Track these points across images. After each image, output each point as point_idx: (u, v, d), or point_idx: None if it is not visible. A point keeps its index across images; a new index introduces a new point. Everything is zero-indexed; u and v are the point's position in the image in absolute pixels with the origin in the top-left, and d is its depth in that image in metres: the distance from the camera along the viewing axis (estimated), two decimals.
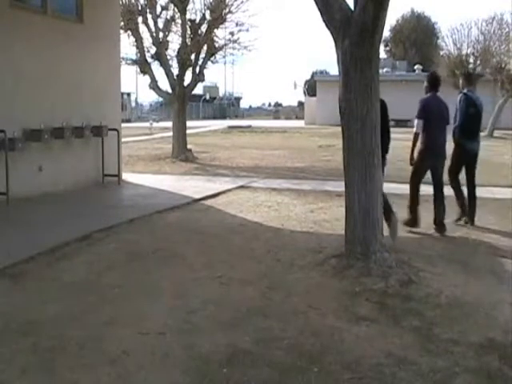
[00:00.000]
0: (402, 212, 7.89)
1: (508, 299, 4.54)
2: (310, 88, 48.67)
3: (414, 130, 7.12)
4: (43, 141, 9.02)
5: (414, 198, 6.96)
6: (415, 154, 7.07)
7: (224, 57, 18.24)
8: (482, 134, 7.72)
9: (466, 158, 7.37)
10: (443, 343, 3.70)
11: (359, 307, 4.33)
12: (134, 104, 52.70)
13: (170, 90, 15.86)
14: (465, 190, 7.42)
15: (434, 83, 7.22)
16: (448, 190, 7.26)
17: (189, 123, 17.47)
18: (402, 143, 23.20)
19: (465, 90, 7.54)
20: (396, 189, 9.79)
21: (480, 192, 9.94)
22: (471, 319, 4.12)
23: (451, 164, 7.42)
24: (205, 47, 15.84)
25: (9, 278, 4.93)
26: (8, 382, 3.16)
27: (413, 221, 6.89)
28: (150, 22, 15.53)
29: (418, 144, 7.13)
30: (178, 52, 15.58)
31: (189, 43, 15.56)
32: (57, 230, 6.69)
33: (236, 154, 17.26)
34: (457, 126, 7.32)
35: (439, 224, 6.82)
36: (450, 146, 7.21)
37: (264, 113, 68.07)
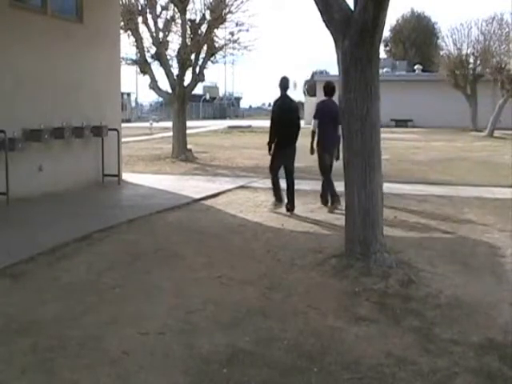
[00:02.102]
0: (394, 213, 7.93)
1: (508, 299, 4.54)
2: (310, 88, 48.61)
3: (311, 128, 8.43)
4: (43, 141, 9.02)
5: (327, 177, 8.48)
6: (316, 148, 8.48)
7: (224, 57, 18.26)
8: (482, 133, 8.10)
9: None
10: (443, 343, 3.70)
11: (359, 307, 4.33)
12: (134, 104, 52.67)
13: (170, 90, 15.86)
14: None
15: (329, 91, 8.41)
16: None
17: (189, 123, 17.47)
18: (404, 143, 23.20)
19: None
20: (396, 189, 9.81)
21: (480, 192, 9.99)
22: (471, 319, 4.12)
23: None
24: (205, 47, 15.84)
25: (9, 278, 4.92)
26: (8, 382, 3.16)
27: (334, 198, 8.31)
28: (150, 22, 15.55)
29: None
30: (178, 52, 15.58)
31: (189, 43, 15.56)
32: (57, 230, 6.69)
33: (236, 154, 17.25)
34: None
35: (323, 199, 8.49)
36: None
37: (264, 113, 67.92)
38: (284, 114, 8.16)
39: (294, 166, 8.39)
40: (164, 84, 16.11)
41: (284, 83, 8.30)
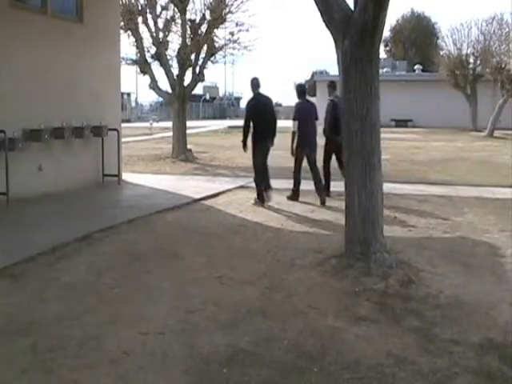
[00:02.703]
0: (394, 213, 7.92)
1: (508, 299, 4.54)
2: (310, 88, 48.64)
3: (292, 129, 8.94)
4: (43, 141, 9.02)
5: (297, 176, 9.06)
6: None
7: (224, 57, 18.26)
8: (482, 133, 8.27)
9: (335, 149, 9.06)
10: (443, 343, 3.70)
11: (359, 307, 4.33)
12: (134, 104, 52.66)
13: (170, 90, 15.86)
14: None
15: (302, 92, 9.19)
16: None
17: (189, 123, 17.47)
18: (404, 143, 23.20)
19: (331, 97, 9.54)
20: (396, 189, 9.81)
21: (480, 192, 9.99)
22: (471, 319, 4.12)
23: (324, 154, 9.47)
24: (205, 47, 15.84)
25: (9, 278, 4.92)
26: (8, 382, 3.16)
27: (295, 195, 9.08)
28: (150, 22, 15.56)
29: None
30: (178, 52, 15.59)
31: (189, 43, 15.56)
32: (57, 230, 6.69)
33: (236, 154, 17.21)
34: (326, 125, 9.38)
35: (321, 194, 8.86)
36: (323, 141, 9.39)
37: None
38: (261, 111, 8.69)
39: (267, 159, 8.97)
40: (164, 84, 16.14)
41: (255, 83, 8.90)
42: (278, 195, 9.58)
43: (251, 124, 8.67)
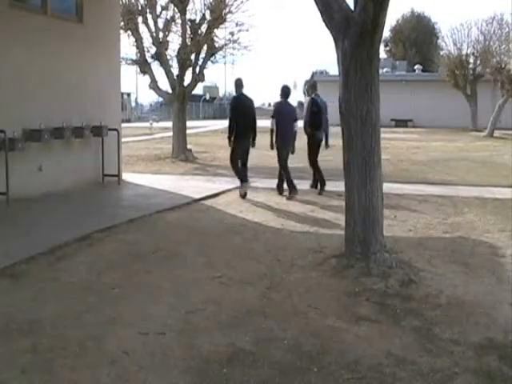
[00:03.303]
0: (394, 213, 7.93)
1: (508, 299, 4.54)
2: (310, 88, 48.57)
3: (270, 127, 9.48)
4: (43, 141, 9.02)
5: (286, 171, 9.48)
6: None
7: (224, 57, 18.29)
8: (482, 133, 8.33)
9: (316, 144, 9.89)
10: (443, 343, 3.70)
11: (359, 307, 4.33)
12: (134, 104, 52.65)
13: (170, 90, 15.86)
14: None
15: (286, 94, 9.69)
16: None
17: (189, 123, 17.47)
18: (404, 143, 23.19)
19: (312, 95, 10.09)
20: (396, 189, 9.82)
21: (480, 192, 9.99)
22: (471, 319, 4.12)
23: (308, 150, 9.97)
24: (205, 47, 15.84)
25: (9, 278, 4.92)
26: (8, 382, 3.16)
27: (295, 191, 9.38)
28: (150, 22, 15.55)
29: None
30: (178, 52, 15.58)
31: (189, 43, 15.56)
32: (57, 230, 6.69)
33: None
34: (306, 122, 9.94)
35: (291, 190, 9.36)
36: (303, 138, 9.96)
37: (264, 113, 67.79)
38: (242, 111, 9.26)
39: (248, 157, 9.54)
40: (164, 84, 16.14)
41: (238, 83, 9.59)
42: (276, 196, 9.58)
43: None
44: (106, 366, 3.33)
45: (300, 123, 9.91)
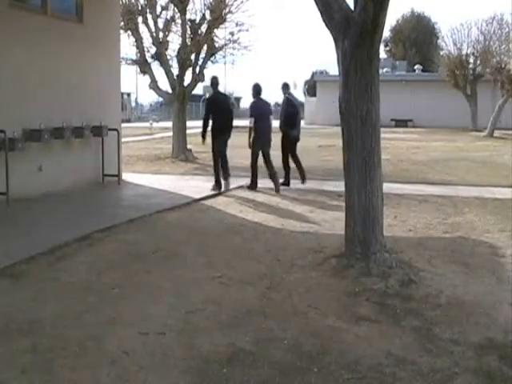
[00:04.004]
0: (394, 213, 7.92)
1: (508, 299, 4.54)
2: (310, 88, 48.64)
3: (249, 125, 9.82)
4: (43, 141, 9.02)
5: (254, 168, 10.00)
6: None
7: (224, 57, 18.29)
8: (482, 133, 8.38)
9: (290, 141, 10.32)
10: (443, 343, 3.70)
11: (359, 307, 4.33)
12: (134, 104, 52.66)
13: (170, 90, 15.86)
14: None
15: (258, 91, 10.03)
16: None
17: (189, 123, 17.46)
18: (404, 143, 23.20)
19: (286, 95, 10.56)
20: (396, 189, 9.82)
21: (480, 192, 9.99)
22: (471, 319, 4.12)
23: (282, 147, 10.38)
24: (205, 47, 15.84)
25: (9, 278, 4.92)
26: (8, 382, 3.16)
27: (254, 185, 10.04)
28: (150, 22, 15.55)
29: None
30: (178, 52, 15.58)
31: (189, 43, 15.56)
32: (57, 230, 6.69)
33: (235, 153, 17.22)
34: (281, 121, 10.41)
35: (276, 183, 9.83)
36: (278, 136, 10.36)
37: None
38: (218, 108, 9.72)
39: (226, 150, 10.09)
40: (164, 84, 16.13)
41: (214, 82, 10.15)
42: (277, 195, 9.59)
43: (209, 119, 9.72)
44: (106, 366, 3.33)
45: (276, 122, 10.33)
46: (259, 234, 6.74)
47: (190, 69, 15.84)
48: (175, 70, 15.72)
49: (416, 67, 43.50)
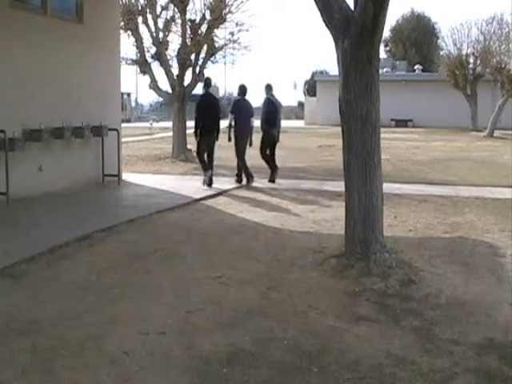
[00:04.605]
0: (394, 213, 7.92)
1: (508, 299, 4.54)
2: (310, 88, 48.60)
3: (229, 121, 10.68)
4: (43, 141, 9.01)
5: (243, 162, 10.64)
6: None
7: (224, 57, 18.28)
8: (482, 133, 8.46)
9: (269, 140, 10.95)
10: (443, 343, 3.70)
11: (359, 307, 4.33)
12: (134, 104, 52.62)
13: (170, 90, 15.86)
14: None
15: (243, 92, 10.88)
16: None
17: (189, 123, 17.44)
18: (404, 143, 23.20)
19: (269, 96, 11.10)
20: (396, 189, 9.82)
21: (480, 192, 10.00)
22: (471, 319, 4.12)
23: (260, 144, 11.01)
24: (205, 47, 15.84)
25: (9, 278, 4.92)
26: (8, 382, 3.16)
27: (239, 179, 10.69)
28: (150, 22, 15.53)
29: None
30: (178, 52, 15.58)
31: (189, 43, 15.56)
32: (57, 230, 6.69)
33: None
34: (262, 120, 10.99)
35: (248, 176, 10.59)
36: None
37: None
38: (206, 108, 10.21)
39: (214, 150, 10.51)
40: (164, 84, 16.13)
41: (207, 83, 10.96)
42: (276, 195, 9.59)
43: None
44: (105, 366, 3.33)
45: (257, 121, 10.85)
46: (259, 233, 6.74)
47: (190, 69, 15.84)
48: (175, 70, 15.73)
49: (416, 67, 43.46)
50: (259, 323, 3.99)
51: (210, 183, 10.17)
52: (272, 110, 10.94)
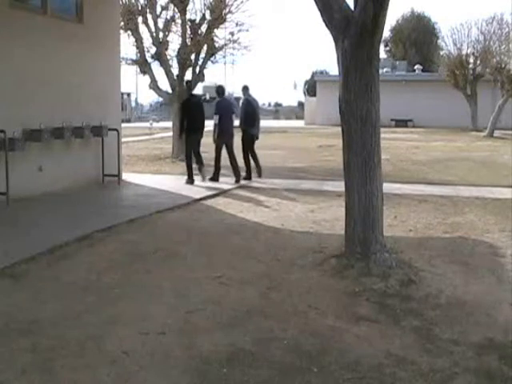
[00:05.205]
0: (394, 213, 7.92)
1: (508, 299, 4.54)
2: (310, 88, 48.61)
3: (214, 122, 10.95)
4: (43, 141, 9.02)
5: (218, 161, 11.13)
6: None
7: (224, 57, 18.29)
8: (482, 133, 8.51)
9: (248, 139, 11.34)
10: (443, 343, 3.70)
11: (359, 307, 4.33)
12: (134, 104, 52.64)
13: (170, 90, 15.85)
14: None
15: (221, 92, 11.51)
16: None
17: None
18: (404, 143, 23.20)
19: (246, 96, 11.62)
20: (396, 189, 9.82)
21: (480, 192, 9.99)
22: (471, 319, 4.12)
23: (242, 144, 11.36)
24: (205, 47, 15.83)
25: (9, 278, 4.92)
26: (8, 382, 3.16)
27: (216, 176, 11.02)
28: (150, 22, 15.53)
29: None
30: (178, 52, 15.57)
31: (189, 43, 15.56)
32: (57, 230, 6.69)
33: (235, 153, 17.21)
34: (241, 120, 11.47)
35: (236, 174, 10.97)
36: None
37: (264, 113, 67.69)
38: (191, 109, 10.67)
39: (199, 147, 11.04)
40: (164, 84, 16.13)
41: (189, 86, 12.19)
42: (276, 195, 9.59)
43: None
44: (105, 366, 3.34)
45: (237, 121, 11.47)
46: (259, 233, 6.74)
47: (190, 69, 15.83)
48: (175, 70, 15.72)
49: (416, 67, 43.46)
50: (259, 323, 3.99)
51: (192, 182, 10.68)
52: (251, 110, 11.40)
